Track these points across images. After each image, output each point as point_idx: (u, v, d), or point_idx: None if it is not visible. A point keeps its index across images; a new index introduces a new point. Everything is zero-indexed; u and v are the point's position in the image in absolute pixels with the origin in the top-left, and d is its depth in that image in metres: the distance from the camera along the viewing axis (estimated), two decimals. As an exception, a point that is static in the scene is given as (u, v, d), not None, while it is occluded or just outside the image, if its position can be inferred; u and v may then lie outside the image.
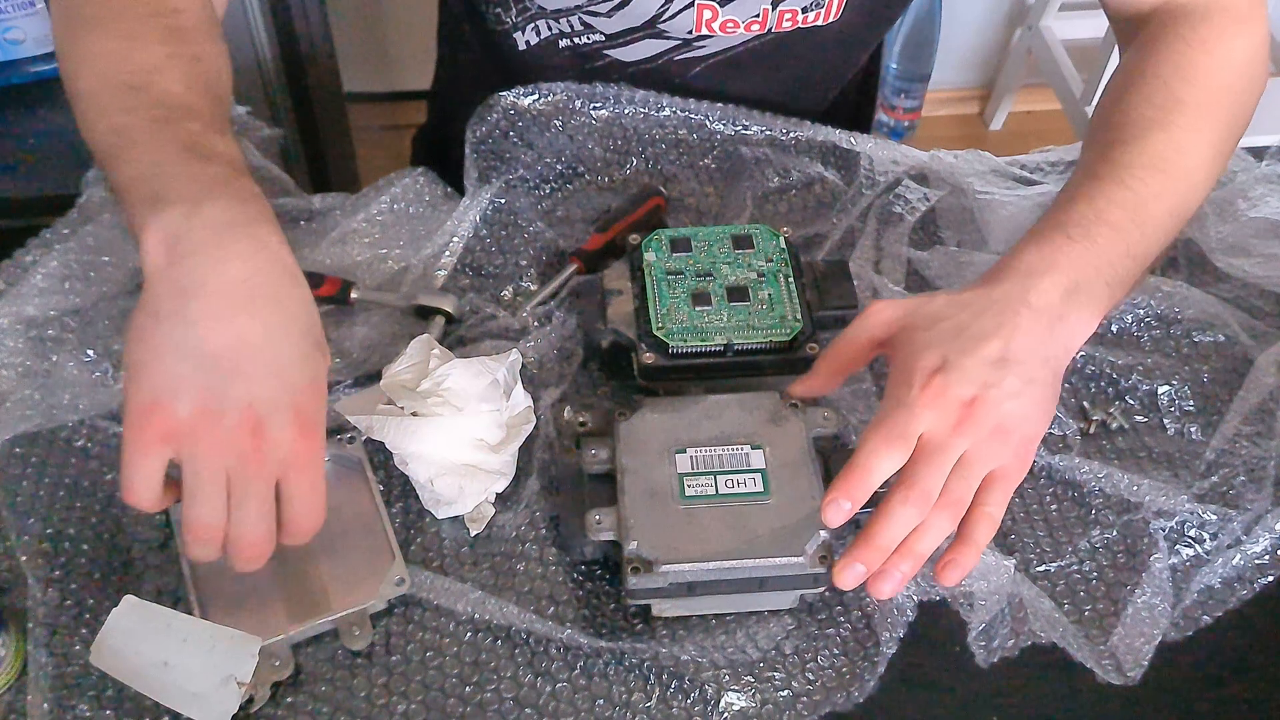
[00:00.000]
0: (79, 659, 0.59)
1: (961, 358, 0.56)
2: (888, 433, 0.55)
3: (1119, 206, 0.61)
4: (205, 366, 0.51)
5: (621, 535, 0.58)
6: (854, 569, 0.55)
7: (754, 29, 0.82)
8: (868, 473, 0.55)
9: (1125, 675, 0.61)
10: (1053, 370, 0.58)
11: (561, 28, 0.84)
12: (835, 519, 0.55)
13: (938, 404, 0.55)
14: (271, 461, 0.52)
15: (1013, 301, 0.57)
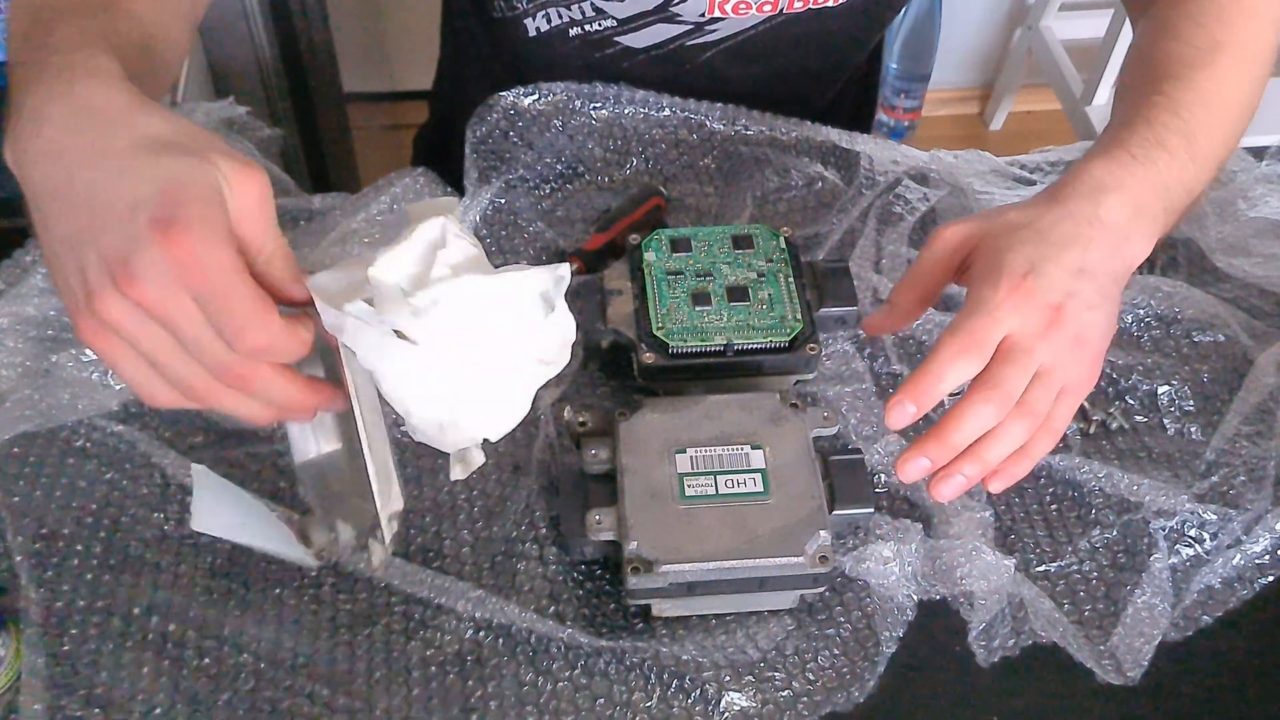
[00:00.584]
0: (73, 659, 0.59)
1: (1047, 263, 0.55)
2: (967, 337, 0.53)
3: (1175, 134, 0.61)
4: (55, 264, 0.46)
5: (621, 535, 0.58)
6: (919, 462, 0.54)
7: (766, 9, 0.83)
8: (940, 377, 0.53)
9: (1125, 675, 0.61)
10: (1118, 289, 0.58)
11: (572, 14, 0.84)
12: (899, 421, 0.54)
13: (1026, 306, 0.54)
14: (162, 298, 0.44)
15: (1085, 215, 0.57)
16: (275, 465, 0.68)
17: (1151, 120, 0.61)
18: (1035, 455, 0.56)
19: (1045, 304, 0.54)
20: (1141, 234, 0.58)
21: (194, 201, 0.44)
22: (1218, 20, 0.67)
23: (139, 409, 0.70)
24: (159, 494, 0.66)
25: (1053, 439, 0.56)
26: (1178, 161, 0.60)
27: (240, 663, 0.59)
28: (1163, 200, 0.59)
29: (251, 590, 0.63)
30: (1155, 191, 0.59)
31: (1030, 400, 0.54)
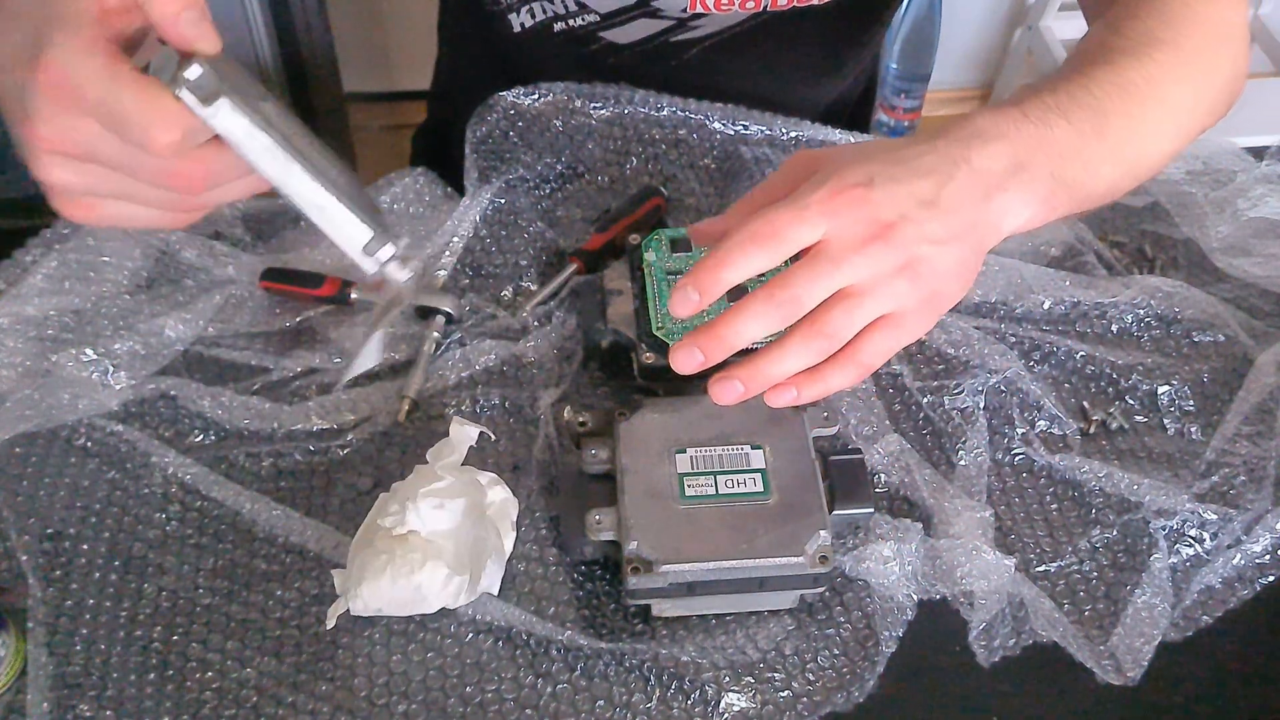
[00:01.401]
0: (79, 659, 0.59)
1: (890, 183, 0.49)
2: (765, 225, 0.48)
3: (1082, 107, 0.55)
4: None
5: (621, 535, 0.58)
6: (691, 351, 0.50)
7: (749, 7, 0.82)
8: (724, 263, 0.48)
9: (1125, 675, 0.61)
10: (979, 239, 0.52)
11: (556, 9, 0.84)
12: (681, 308, 0.49)
13: (846, 213, 0.49)
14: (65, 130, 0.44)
15: (954, 154, 0.51)
16: (276, 465, 0.68)
17: (1057, 89, 0.56)
18: (830, 383, 0.51)
19: (872, 217, 0.49)
20: (1020, 189, 0.52)
21: (58, 27, 0.43)
22: (1159, 19, 0.62)
23: (139, 409, 0.70)
24: (160, 494, 0.66)
25: (857, 372, 0.51)
26: (1078, 132, 0.54)
27: (244, 677, 0.59)
28: (1052, 164, 0.53)
29: (252, 591, 0.63)
30: (1045, 154, 0.53)
31: (822, 318, 0.49)
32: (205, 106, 0.44)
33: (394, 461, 0.68)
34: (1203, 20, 0.63)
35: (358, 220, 0.49)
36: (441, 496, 0.60)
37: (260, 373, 0.72)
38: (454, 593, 0.59)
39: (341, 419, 0.70)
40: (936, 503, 0.66)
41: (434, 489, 0.60)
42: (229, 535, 0.65)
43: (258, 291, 0.76)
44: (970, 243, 0.52)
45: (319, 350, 0.73)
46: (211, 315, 0.74)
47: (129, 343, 0.71)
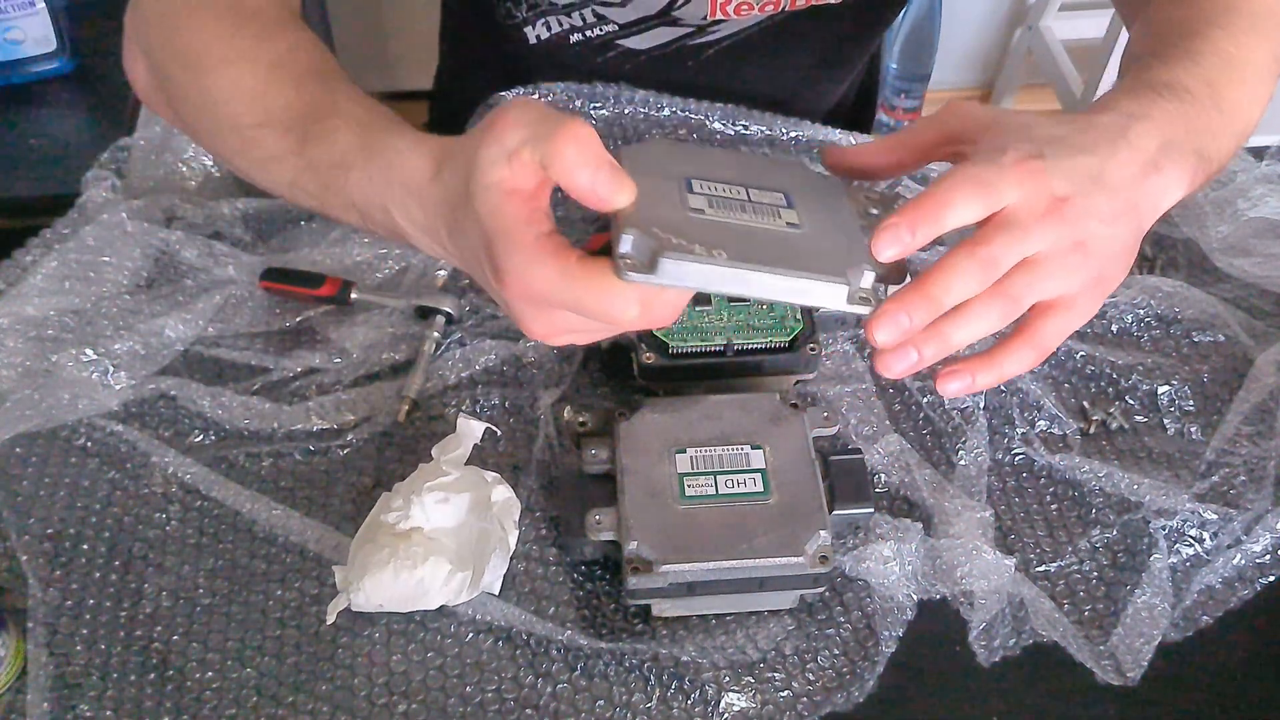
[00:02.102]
0: (79, 659, 0.59)
1: (1060, 158, 0.49)
2: (976, 176, 0.48)
3: (1196, 80, 0.56)
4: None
5: (621, 535, 0.58)
6: (898, 318, 0.47)
7: (768, 9, 0.83)
8: (941, 207, 0.47)
9: (1125, 675, 0.61)
10: (1140, 219, 0.52)
11: (573, 21, 0.84)
12: (889, 248, 0.47)
13: (1030, 183, 0.48)
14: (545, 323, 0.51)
15: (1113, 132, 0.51)
16: (276, 465, 0.68)
17: (1171, 65, 0.56)
18: (1006, 368, 0.51)
19: (1049, 191, 0.48)
20: (1173, 167, 0.52)
21: (501, 248, 0.47)
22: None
23: (139, 409, 0.70)
24: (160, 494, 0.66)
25: (1035, 356, 0.51)
26: (1202, 106, 0.55)
27: (244, 677, 0.59)
28: (1193, 140, 0.54)
29: (252, 591, 0.63)
30: (1186, 126, 0.54)
31: (1010, 283, 0.49)
32: (650, 273, 0.44)
33: (394, 461, 0.68)
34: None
35: (828, 281, 0.46)
36: (446, 491, 0.60)
37: (260, 373, 0.72)
38: (456, 589, 0.59)
39: (341, 419, 0.70)
40: (936, 503, 0.66)
41: (439, 483, 0.60)
42: (229, 535, 0.65)
43: (258, 291, 0.76)
44: (1133, 223, 0.52)
45: (319, 350, 0.73)
46: (211, 315, 0.74)
47: (129, 343, 0.71)
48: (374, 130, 0.55)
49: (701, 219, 0.47)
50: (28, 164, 1.06)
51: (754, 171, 0.51)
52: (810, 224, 0.48)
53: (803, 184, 0.51)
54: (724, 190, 0.49)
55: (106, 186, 0.80)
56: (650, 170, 0.48)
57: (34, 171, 1.06)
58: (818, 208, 0.50)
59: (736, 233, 0.46)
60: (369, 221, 0.56)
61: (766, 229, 0.47)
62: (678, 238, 0.44)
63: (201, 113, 0.62)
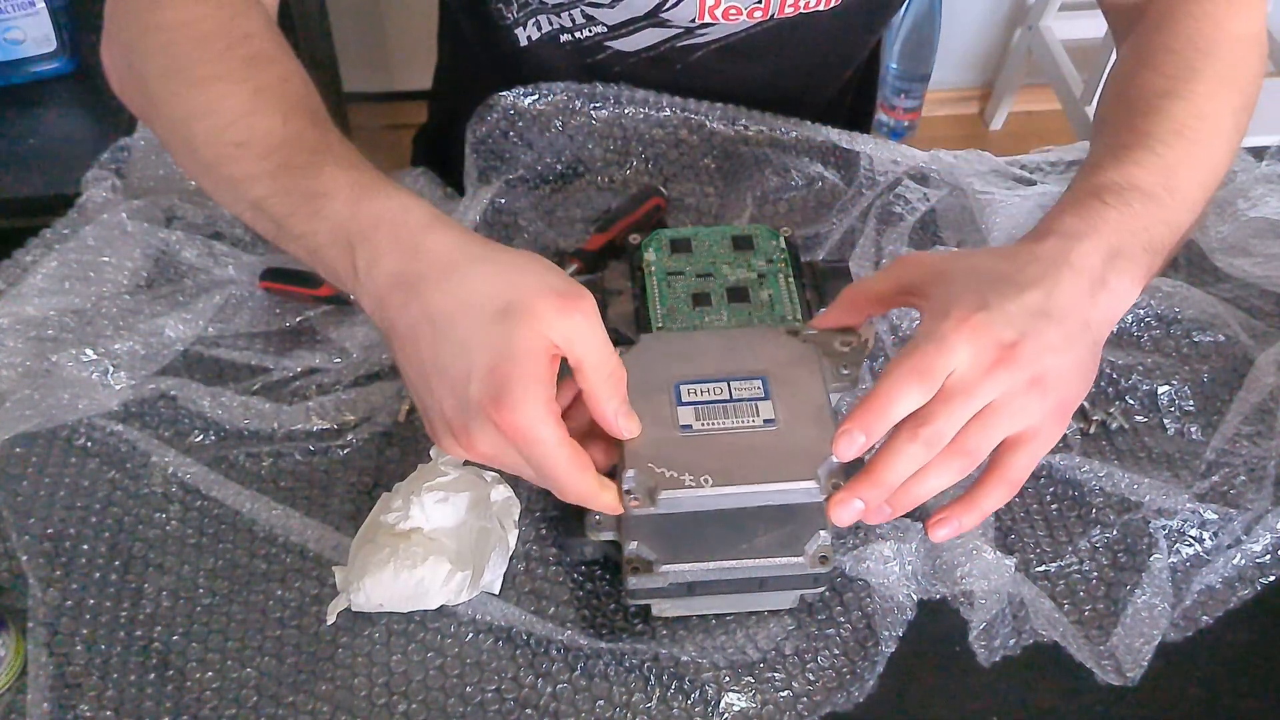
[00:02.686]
0: (79, 659, 0.59)
1: (1004, 301, 0.52)
2: (914, 365, 0.51)
3: (1149, 171, 0.58)
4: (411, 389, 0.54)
5: (621, 535, 0.58)
6: (852, 505, 0.52)
7: (756, 15, 0.83)
8: (887, 406, 0.51)
9: (1125, 676, 0.61)
10: (1093, 337, 0.55)
11: (563, 22, 0.84)
12: (847, 452, 0.52)
13: (975, 341, 0.51)
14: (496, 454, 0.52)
15: (1055, 259, 0.54)
16: (276, 465, 0.68)
17: (1122, 160, 0.59)
18: (984, 507, 0.54)
19: (996, 341, 0.51)
20: (1120, 278, 0.55)
21: (518, 380, 0.49)
22: (1194, 47, 0.64)
23: (139, 409, 0.70)
24: (160, 494, 0.66)
25: (1007, 491, 0.54)
26: (1154, 200, 0.58)
27: (244, 677, 0.59)
28: (1142, 240, 0.57)
29: (252, 591, 0.63)
30: (1132, 233, 0.56)
31: (966, 438, 0.52)
32: (650, 505, 0.54)
33: (394, 461, 0.68)
34: (1232, 37, 0.66)
35: (800, 483, 0.54)
36: (446, 490, 0.60)
37: (260, 373, 0.72)
38: (456, 588, 0.59)
39: (341, 419, 0.70)
40: (936, 502, 0.66)
41: (438, 483, 0.60)
42: (229, 535, 0.65)
43: (258, 291, 0.76)
44: (1086, 342, 0.54)
45: (319, 350, 0.73)
46: (211, 315, 0.74)
47: (129, 343, 0.71)
48: (366, 173, 0.55)
49: (690, 437, 0.55)
50: (28, 164, 1.06)
51: (736, 355, 0.59)
52: (785, 415, 0.56)
53: (779, 359, 0.59)
54: (709, 392, 0.57)
55: (106, 186, 0.80)
56: (646, 378, 0.57)
57: (34, 171, 1.06)
58: (791, 390, 0.57)
59: (721, 448, 0.55)
60: (316, 258, 0.55)
61: (748, 434, 0.55)
62: (671, 471, 0.54)
63: (178, 124, 0.61)
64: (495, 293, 0.51)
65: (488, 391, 0.49)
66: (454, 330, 0.50)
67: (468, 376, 0.50)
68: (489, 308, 0.50)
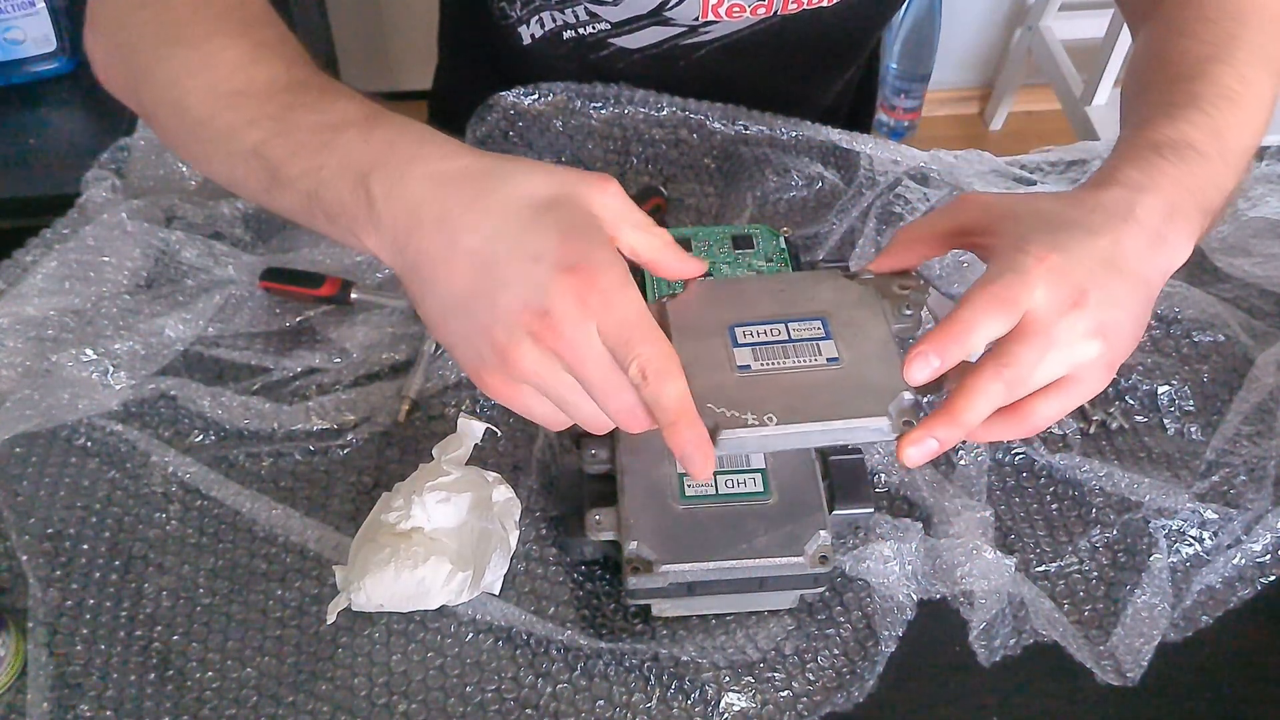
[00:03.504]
0: (79, 659, 0.59)
1: (1077, 246, 0.51)
2: (997, 294, 0.49)
3: (1202, 132, 0.57)
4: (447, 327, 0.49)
5: (621, 535, 0.58)
6: (927, 444, 0.49)
7: (760, 12, 0.83)
8: (967, 331, 0.49)
9: (1125, 676, 0.61)
10: (1149, 293, 0.54)
11: (566, 18, 0.84)
12: (920, 374, 0.49)
13: (1054, 281, 0.49)
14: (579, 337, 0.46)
15: (1119, 210, 0.53)
16: (276, 465, 0.68)
17: (1176, 118, 0.58)
18: (993, 435, 0.53)
19: (1073, 284, 0.50)
20: (1178, 236, 0.54)
21: (595, 247, 0.47)
22: (1230, 16, 0.64)
23: (139, 409, 0.70)
24: (160, 494, 0.66)
25: (1025, 431, 0.53)
26: (1208, 160, 0.56)
27: (244, 677, 0.60)
28: (1197, 199, 0.55)
29: (252, 591, 0.63)
30: (1190, 191, 0.55)
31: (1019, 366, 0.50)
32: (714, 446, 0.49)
33: (394, 461, 0.68)
34: (1264, 10, 0.65)
35: (871, 420, 0.50)
36: (448, 490, 0.60)
37: (260, 373, 0.72)
38: (457, 589, 0.59)
39: (341, 419, 0.70)
40: (936, 502, 0.66)
41: (440, 483, 0.60)
42: (229, 535, 0.65)
43: (258, 291, 0.76)
44: (1144, 298, 0.53)
45: (319, 350, 0.73)
46: (211, 315, 0.74)
47: (129, 343, 0.71)
48: (377, 106, 0.53)
49: (750, 377, 0.51)
50: (28, 164, 1.06)
51: (791, 297, 0.55)
52: (848, 354, 0.52)
53: (838, 300, 0.55)
54: (766, 333, 0.53)
55: (106, 186, 0.80)
56: (697, 325, 0.53)
57: (34, 171, 1.06)
58: (853, 330, 0.53)
59: (783, 386, 0.50)
60: (314, 200, 0.51)
61: (810, 372, 0.51)
62: (731, 410, 0.49)
63: (169, 85, 0.57)
64: (537, 188, 0.48)
65: (568, 260, 0.46)
66: (507, 227, 0.47)
67: (535, 257, 0.46)
68: (537, 201, 0.48)
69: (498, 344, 0.47)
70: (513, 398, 0.49)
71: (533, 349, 0.46)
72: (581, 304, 0.46)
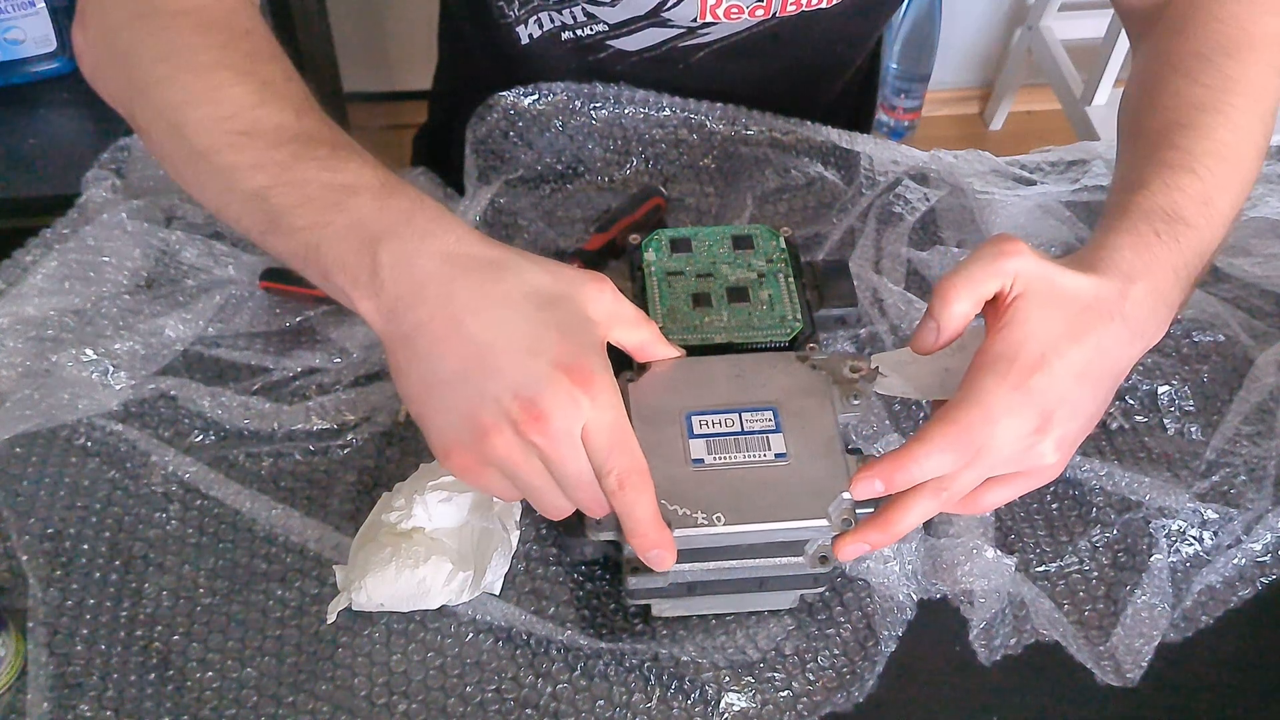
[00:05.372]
0: (79, 659, 0.59)
1: (1057, 361, 0.52)
2: (958, 432, 0.51)
3: (1194, 200, 0.58)
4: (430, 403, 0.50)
5: (621, 535, 0.58)
6: (860, 547, 0.53)
7: (758, 14, 0.83)
8: (914, 469, 0.51)
9: (1124, 676, 0.61)
10: (1114, 384, 0.55)
11: (564, 19, 0.84)
12: (863, 494, 0.52)
13: (1022, 412, 0.51)
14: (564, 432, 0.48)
15: (1110, 309, 0.54)
16: (276, 465, 0.68)
17: (1170, 186, 0.58)
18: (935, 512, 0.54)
19: (1039, 409, 0.51)
20: (1157, 325, 0.56)
21: (589, 351, 0.49)
22: (1226, 54, 0.64)
23: (139, 409, 0.70)
24: (160, 494, 0.66)
25: (971, 513, 0.56)
26: (1198, 232, 0.57)
27: (244, 677, 0.59)
28: (1182, 282, 0.57)
29: (252, 591, 0.63)
30: (1176, 271, 0.56)
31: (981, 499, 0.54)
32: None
33: (394, 461, 0.68)
34: (1260, 43, 0.65)
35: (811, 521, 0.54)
36: (449, 490, 0.60)
37: (260, 373, 0.72)
38: (458, 588, 0.59)
39: (341, 419, 0.70)
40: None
41: (442, 482, 0.60)
42: (229, 535, 0.65)
43: (258, 291, 0.76)
44: (1107, 392, 0.55)
45: (319, 350, 0.73)
46: (211, 315, 0.74)
47: (129, 343, 0.71)
48: (390, 173, 0.54)
49: (703, 472, 0.55)
50: (28, 164, 1.06)
51: (745, 384, 0.58)
52: (795, 449, 0.55)
53: (790, 386, 0.58)
54: (720, 423, 0.56)
55: (106, 186, 0.80)
56: (656, 410, 0.56)
57: (34, 171, 1.06)
58: (802, 421, 0.56)
59: (732, 483, 0.54)
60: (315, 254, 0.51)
61: (758, 469, 0.55)
62: (684, 509, 0.53)
63: (168, 109, 0.57)
64: (542, 285, 0.50)
65: (565, 359, 0.48)
66: (511, 318, 0.49)
67: (533, 350, 0.48)
68: (540, 298, 0.50)
69: (479, 425, 0.48)
70: (478, 475, 0.51)
71: (513, 436, 0.48)
72: (573, 402, 0.48)
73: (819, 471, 0.55)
